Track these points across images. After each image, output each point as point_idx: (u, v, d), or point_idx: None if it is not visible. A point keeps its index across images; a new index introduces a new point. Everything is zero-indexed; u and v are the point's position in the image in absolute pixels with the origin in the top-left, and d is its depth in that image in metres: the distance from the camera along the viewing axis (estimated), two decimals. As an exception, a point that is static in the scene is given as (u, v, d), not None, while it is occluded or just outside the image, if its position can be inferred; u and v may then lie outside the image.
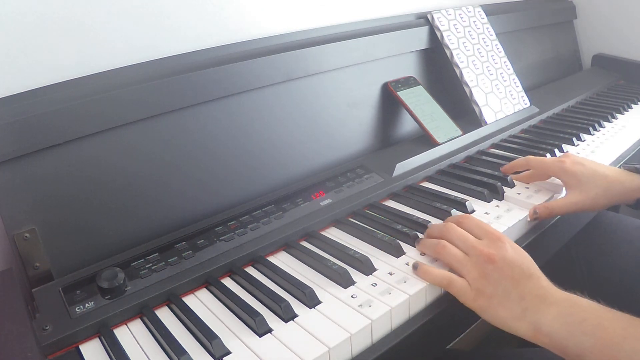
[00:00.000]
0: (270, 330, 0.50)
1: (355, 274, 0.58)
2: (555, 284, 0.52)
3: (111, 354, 0.49)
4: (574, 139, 0.94)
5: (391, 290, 0.55)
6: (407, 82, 0.94)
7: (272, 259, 0.64)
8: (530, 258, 0.54)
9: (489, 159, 0.87)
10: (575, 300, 0.49)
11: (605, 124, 1.04)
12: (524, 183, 0.78)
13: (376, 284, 0.56)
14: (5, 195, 0.58)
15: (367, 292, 0.55)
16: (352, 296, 0.54)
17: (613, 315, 0.47)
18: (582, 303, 0.48)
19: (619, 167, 0.86)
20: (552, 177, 0.77)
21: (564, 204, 0.69)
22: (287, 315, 0.52)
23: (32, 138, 0.58)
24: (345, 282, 0.56)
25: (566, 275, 0.88)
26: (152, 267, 0.58)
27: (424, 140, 0.88)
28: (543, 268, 0.54)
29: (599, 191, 0.68)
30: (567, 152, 0.90)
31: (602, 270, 0.84)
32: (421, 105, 0.91)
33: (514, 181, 0.78)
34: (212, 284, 0.59)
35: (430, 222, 0.66)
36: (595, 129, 1.00)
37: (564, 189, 0.74)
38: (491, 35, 1.06)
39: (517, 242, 0.67)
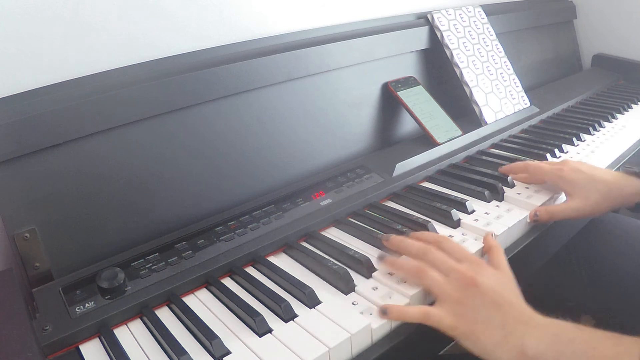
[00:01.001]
0: (270, 330, 0.50)
1: (355, 274, 0.58)
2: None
3: (111, 354, 0.49)
4: (574, 139, 0.94)
5: (391, 290, 0.55)
6: (407, 82, 0.94)
7: (272, 259, 0.64)
8: (512, 282, 0.52)
9: (489, 159, 0.87)
10: (559, 322, 0.48)
11: (605, 124, 1.04)
12: (522, 183, 0.78)
13: (376, 285, 0.56)
14: (5, 195, 0.58)
15: (367, 292, 0.55)
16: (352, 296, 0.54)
17: (600, 335, 0.45)
18: (566, 325, 0.47)
19: (618, 168, 0.86)
20: None
21: (564, 209, 0.69)
22: (287, 315, 0.52)
23: (32, 138, 0.58)
24: (346, 282, 0.56)
25: (566, 275, 0.88)
26: (152, 267, 0.58)
27: (424, 140, 0.88)
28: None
29: (598, 197, 0.68)
30: (567, 153, 0.90)
31: (601, 270, 0.84)
32: (421, 105, 0.91)
33: (514, 181, 0.78)
34: (212, 284, 0.59)
35: (430, 221, 0.66)
36: (595, 129, 1.00)
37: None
38: (491, 35, 1.06)
39: (517, 242, 0.68)
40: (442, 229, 0.67)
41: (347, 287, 0.56)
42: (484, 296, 0.49)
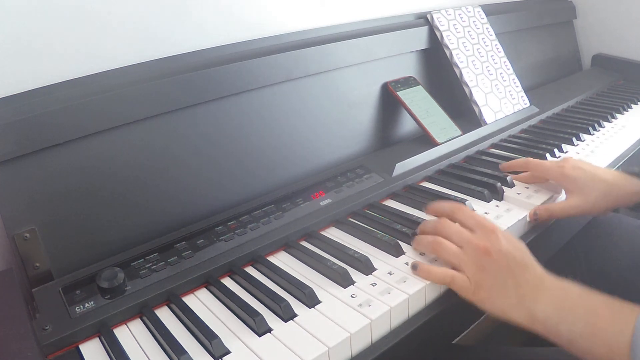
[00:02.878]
0: (270, 330, 0.51)
1: (355, 274, 0.58)
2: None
3: (111, 354, 0.49)
4: (574, 139, 0.94)
5: (391, 290, 0.55)
6: (407, 82, 0.94)
7: (272, 258, 0.64)
8: (524, 247, 0.55)
9: (489, 159, 0.87)
10: (568, 287, 0.51)
11: (605, 124, 1.04)
12: (523, 183, 0.78)
13: (376, 284, 0.56)
14: (5, 195, 0.58)
15: (367, 291, 0.55)
16: (351, 296, 0.54)
17: (604, 301, 0.48)
18: (574, 290, 0.50)
19: (617, 168, 0.86)
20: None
21: (564, 207, 0.69)
22: (287, 315, 0.52)
23: (32, 138, 0.58)
24: (345, 282, 0.56)
25: (566, 274, 0.88)
26: (152, 267, 0.58)
27: (424, 140, 0.88)
28: (543, 267, 0.54)
29: (598, 195, 0.68)
30: (566, 152, 0.90)
31: (602, 270, 0.84)
32: (421, 105, 0.92)
33: (514, 181, 0.78)
34: (212, 283, 0.59)
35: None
36: (595, 129, 1.00)
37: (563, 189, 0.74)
38: (491, 35, 1.06)
39: (517, 242, 0.68)
40: (441, 229, 0.67)
41: (346, 287, 0.56)
42: (499, 262, 0.52)
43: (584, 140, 0.96)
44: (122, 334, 0.52)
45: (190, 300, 0.57)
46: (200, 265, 0.60)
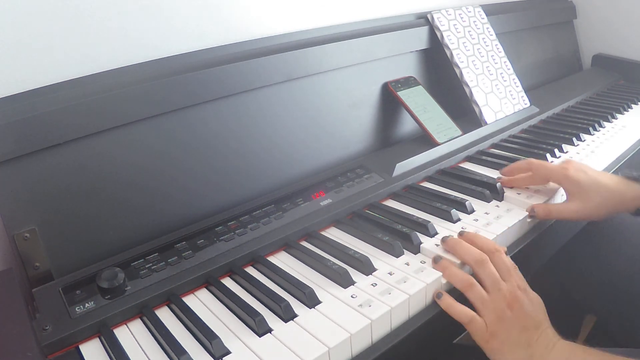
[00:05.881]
0: (270, 330, 0.51)
1: (355, 274, 0.58)
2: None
3: (111, 354, 0.49)
4: (574, 139, 0.94)
5: (391, 290, 0.55)
6: (407, 82, 0.94)
7: (272, 259, 0.64)
8: (542, 306, 0.56)
9: (489, 159, 0.87)
10: (574, 349, 0.52)
11: (605, 124, 1.04)
12: (520, 188, 0.76)
13: (376, 284, 0.56)
14: (5, 195, 0.58)
15: (367, 292, 0.55)
16: (352, 296, 0.54)
17: None
18: (578, 352, 0.51)
19: (616, 170, 0.86)
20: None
21: (564, 209, 0.69)
22: (287, 315, 0.52)
23: (32, 138, 0.58)
24: (345, 282, 0.56)
25: (566, 274, 0.88)
26: (152, 267, 0.58)
27: (424, 140, 0.88)
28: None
29: (599, 200, 0.67)
30: (567, 152, 0.90)
31: (601, 270, 0.84)
32: (421, 105, 0.91)
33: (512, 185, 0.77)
34: (212, 284, 0.59)
35: (429, 222, 0.66)
36: (595, 129, 1.00)
37: (563, 190, 0.74)
38: (491, 35, 1.06)
39: (517, 242, 0.68)
40: (442, 229, 0.67)
41: (346, 287, 0.56)
42: (518, 318, 0.53)
43: (584, 140, 0.96)
44: (122, 334, 0.52)
45: (190, 300, 0.57)
46: (201, 265, 0.60)
